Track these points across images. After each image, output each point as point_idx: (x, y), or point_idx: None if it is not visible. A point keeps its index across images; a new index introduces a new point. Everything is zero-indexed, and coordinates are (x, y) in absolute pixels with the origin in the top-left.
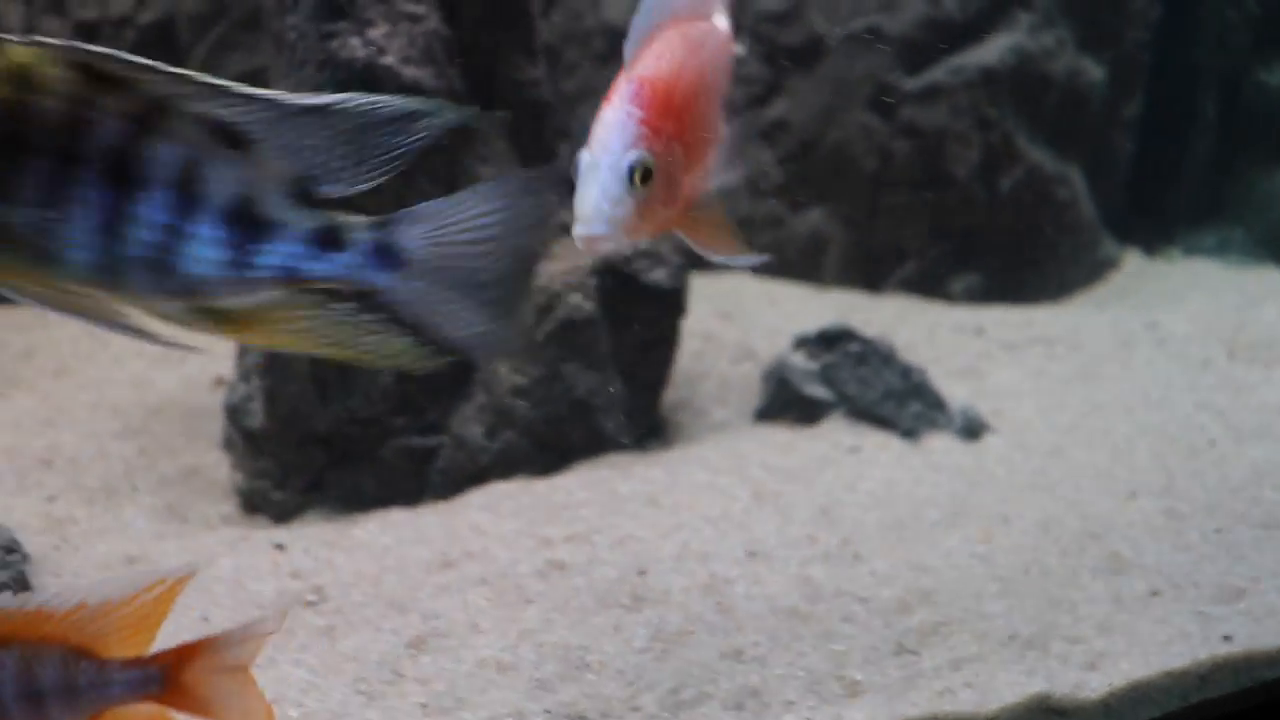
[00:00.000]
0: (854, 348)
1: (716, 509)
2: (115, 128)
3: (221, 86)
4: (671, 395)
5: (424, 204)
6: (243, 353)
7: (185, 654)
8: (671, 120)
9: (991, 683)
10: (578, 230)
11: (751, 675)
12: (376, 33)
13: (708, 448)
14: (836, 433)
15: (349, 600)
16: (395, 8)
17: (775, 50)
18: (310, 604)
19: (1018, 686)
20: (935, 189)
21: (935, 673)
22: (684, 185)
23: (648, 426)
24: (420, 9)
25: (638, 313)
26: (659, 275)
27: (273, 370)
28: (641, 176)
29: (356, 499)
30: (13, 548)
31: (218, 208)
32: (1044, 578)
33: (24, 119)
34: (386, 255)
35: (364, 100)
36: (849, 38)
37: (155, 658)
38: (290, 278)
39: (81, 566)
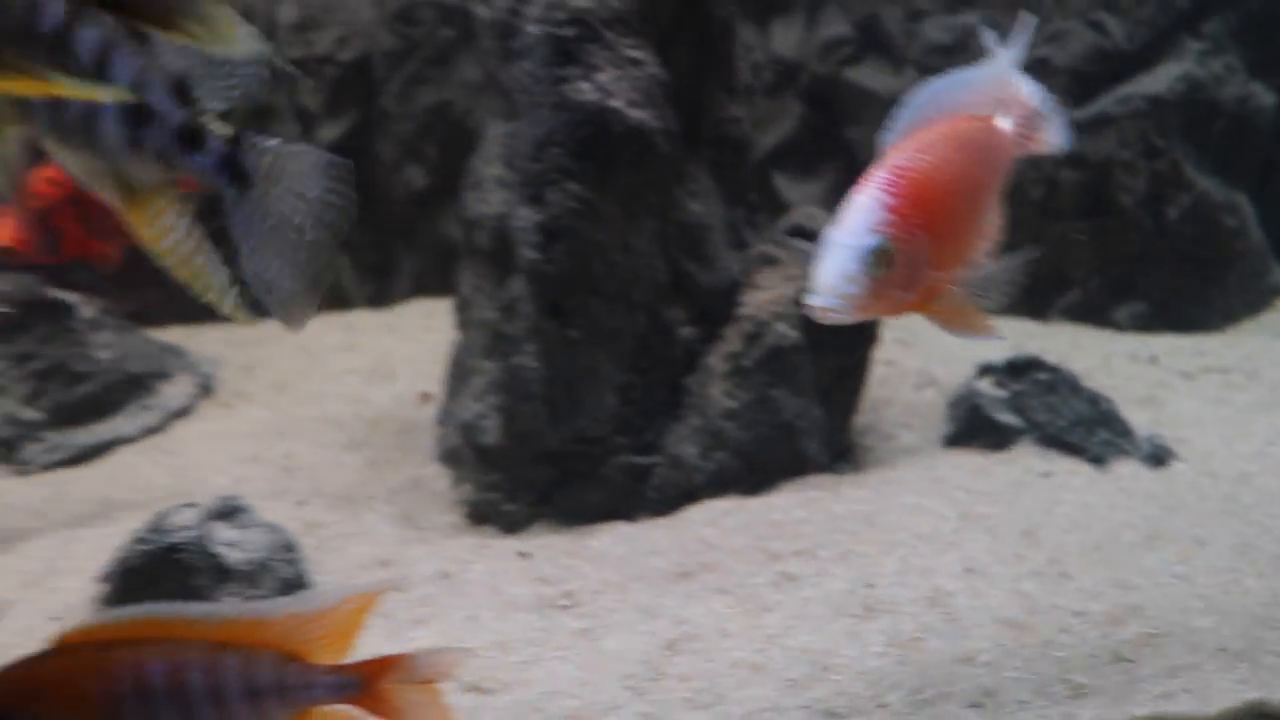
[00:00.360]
0: (1042, 376)
1: (928, 528)
2: (56, 13)
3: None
4: (859, 419)
5: (278, 141)
6: (458, 374)
7: (384, 665)
8: (924, 213)
9: (1208, 689)
10: (810, 299)
11: (984, 677)
12: (604, 77)
13: (904, 471)
14: (1027, 458)
15: (600, 605)
16: (620, 54)
17: None
18: (564, 607)
19: (1233, 693)
20: (1102, 217)
21: (1153, 679)
22: (929, 277)
23: (840, 449)
24: (641, 55)
25: (835, 341)
26: None
27: (510, 390)
28: (880, 261)
29: (581, 512)
30: (291, 547)
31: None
32: (1244, 597)
33: None
34: (233, 168)
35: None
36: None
37: (356, 665)
38: (165, 162)
39: (344, 567)
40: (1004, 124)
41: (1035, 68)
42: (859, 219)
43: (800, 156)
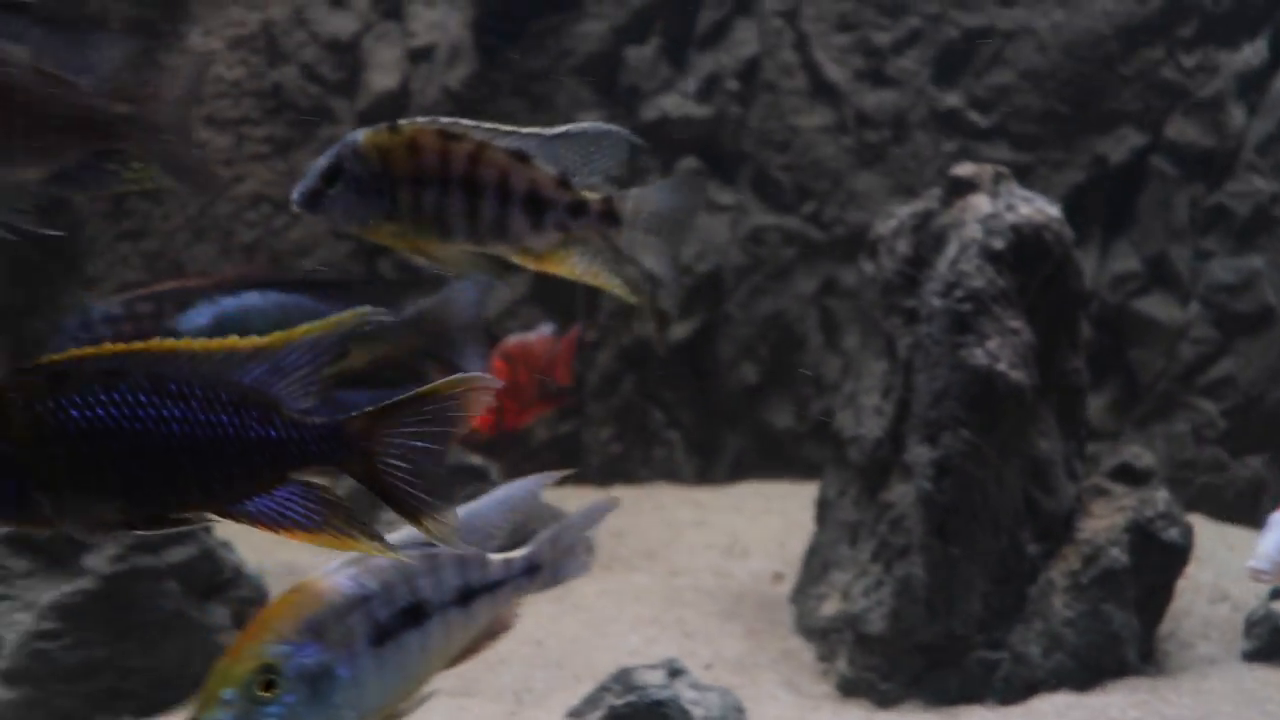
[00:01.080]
0: None
1: None
2: (463, 157)
3: (512, 130)
4: (1161, 628)
5: (635, 190)
6: (815, 562)
7: None
8: None
9: None
10: (1250, 563)
11: None
12: (992, 344)
13: (1214, 681)
14: None
15: None
16: (1003, 324)
17: (1224, 316)
18: None
19: None
20: None
21: None
22: None
23: (1146, 652)
24: (1017, 324)
25: (1152, 561)
26: (1174, 534)
27: (899, 594)
28: None
29: (943, 695)
30: (741, 709)
31: (523, 198)
32: None
33: (417, 160)
34: (610, 218)
35: (576, 127)
36: None
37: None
38: (561, 228)
39: None
40: None
41: None
42: None
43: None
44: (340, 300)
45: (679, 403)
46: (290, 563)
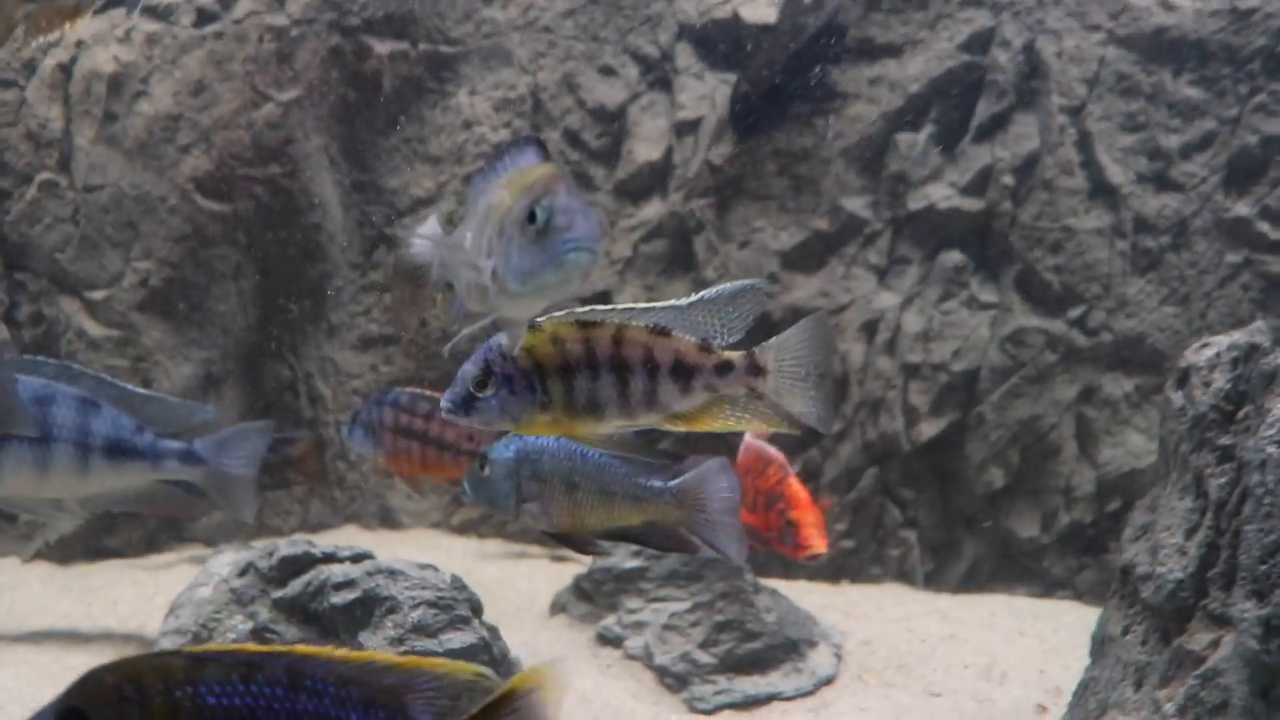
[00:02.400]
0: None
1: None
2: (607, 342)
3: (647, 307)
4: None
5: (773, 340)
6: (1089, 701)
7: None
8: None
9: None
10: None
11: None
12: None
13: None
14: None
15: None
16: None
17: None
18: None
19: None
20: None
21: None
22: None
23: None
24: None
25: None
26: None
27: None
28: None
29: None
30: None
31: (669, 368)
32: None
33: (563, 352)
34: (755, 370)
35: (710, 292)
36: None
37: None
38: (709, 389)
39: None
40: None
41: None
42: None
43: None
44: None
45: (919, 502)
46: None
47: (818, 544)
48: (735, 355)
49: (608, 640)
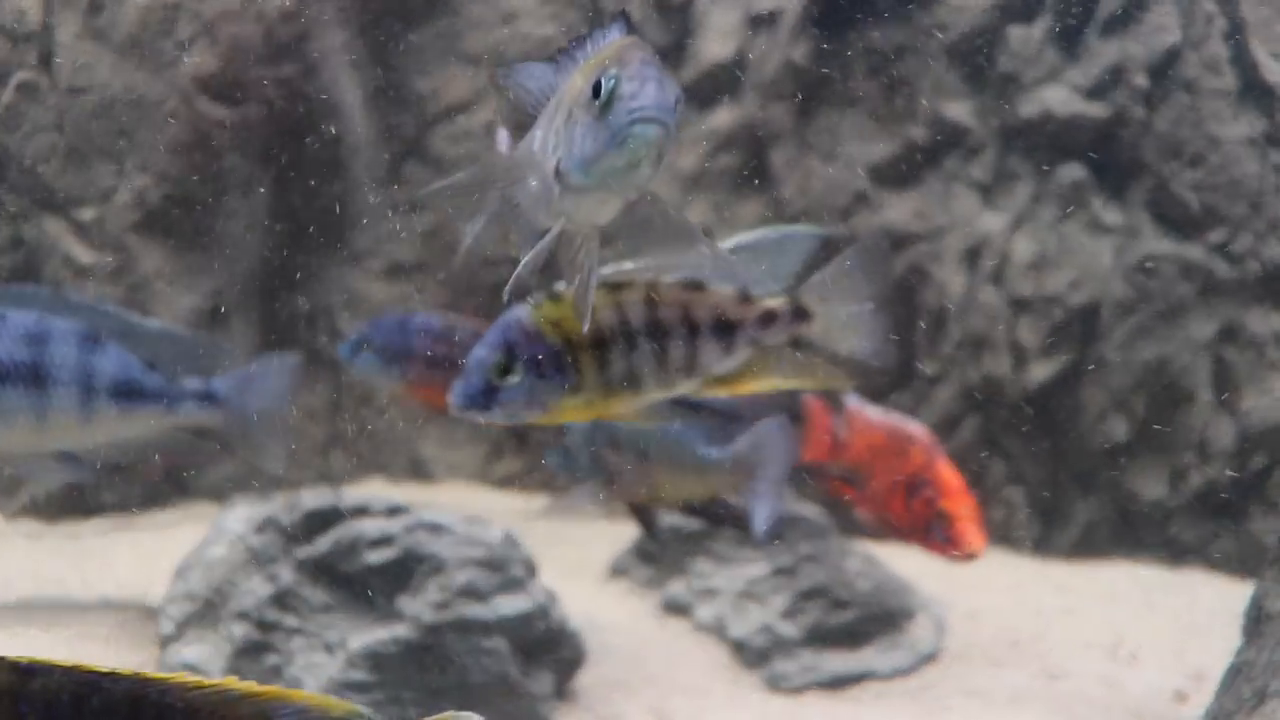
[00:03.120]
0: None
1: None
2: (640, 305)
3: (676, 262)
4: None
5: (814, 278)
6: (1240, 686)
7: None
8: None
9: None
10: None
11: None
12: None
13: None
14: None
15: None
16: None
17: None
18: None
19: None
20: None
21: None
22: None
23: None
24: None
25: None
26: None
27: None
28: None
29: None
30: None
31: (710, 327)
32: None
33: (595, 322)
34: (799, 315)
35: (752, 237)
36: None
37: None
38: (753, 343)
39: None
40: None
41: None
42: None
43: None
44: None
45: (1026, 456)
46: None
47: (975, 543)
48: (776, 302)
49: (675, 609)
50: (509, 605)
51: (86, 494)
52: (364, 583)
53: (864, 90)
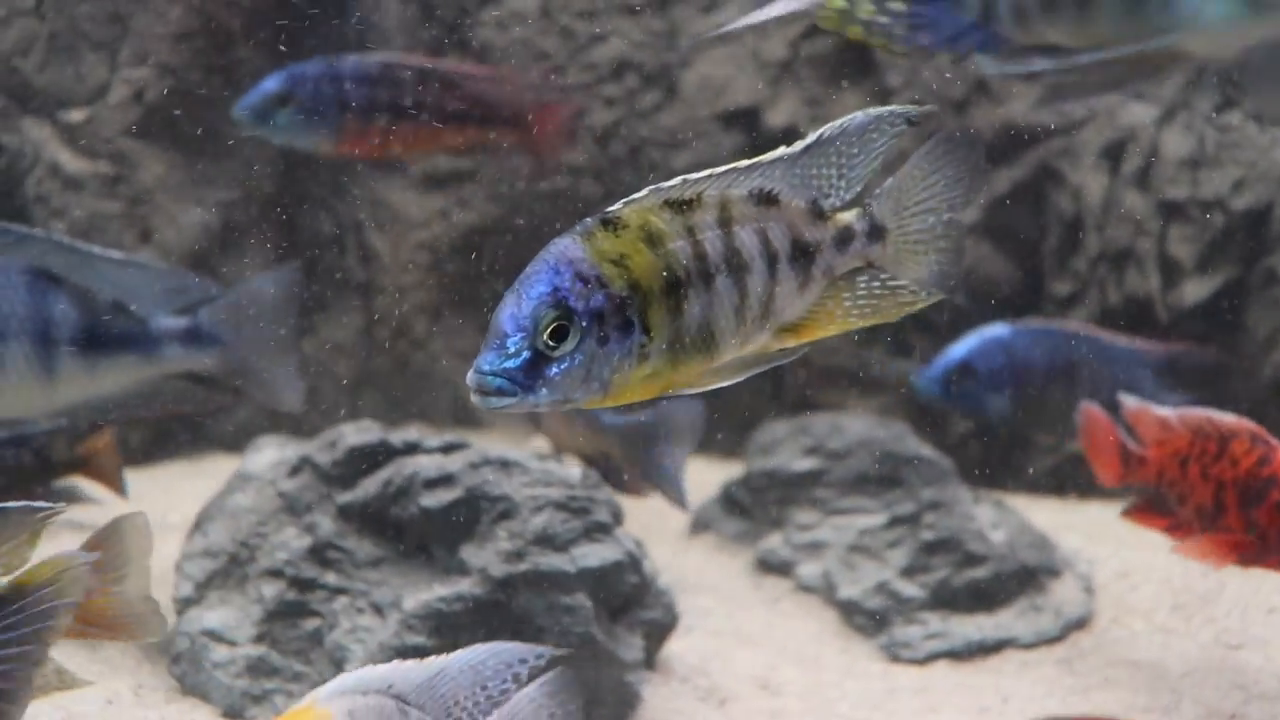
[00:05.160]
0: None
1: None
2: (714, 228)
3: (747, 167)
4: None
5: (887, 183)
6: None
7: None
8: None
9: None
10: None
11: None
12: None
13: None
14: None
15: None
16: None
17: None
18: None
19: None
20: None
21: None
22: None
23: None
24: None
25: None
26: None
27: None
28: None
29: None
30: None
31: (787, 252)
32: None
33: (666, 257)
34: (876, 232)
35: (833, 128)
36: None
37: None
38: (828, 273)
39: None
40: None
41: None
42: None
43: None
44: None
45: None
46: None
47: None
48: (849, 216)
49: (772, 567)
50: (593, 555)
51: None
52: (421, 531)
53: None
